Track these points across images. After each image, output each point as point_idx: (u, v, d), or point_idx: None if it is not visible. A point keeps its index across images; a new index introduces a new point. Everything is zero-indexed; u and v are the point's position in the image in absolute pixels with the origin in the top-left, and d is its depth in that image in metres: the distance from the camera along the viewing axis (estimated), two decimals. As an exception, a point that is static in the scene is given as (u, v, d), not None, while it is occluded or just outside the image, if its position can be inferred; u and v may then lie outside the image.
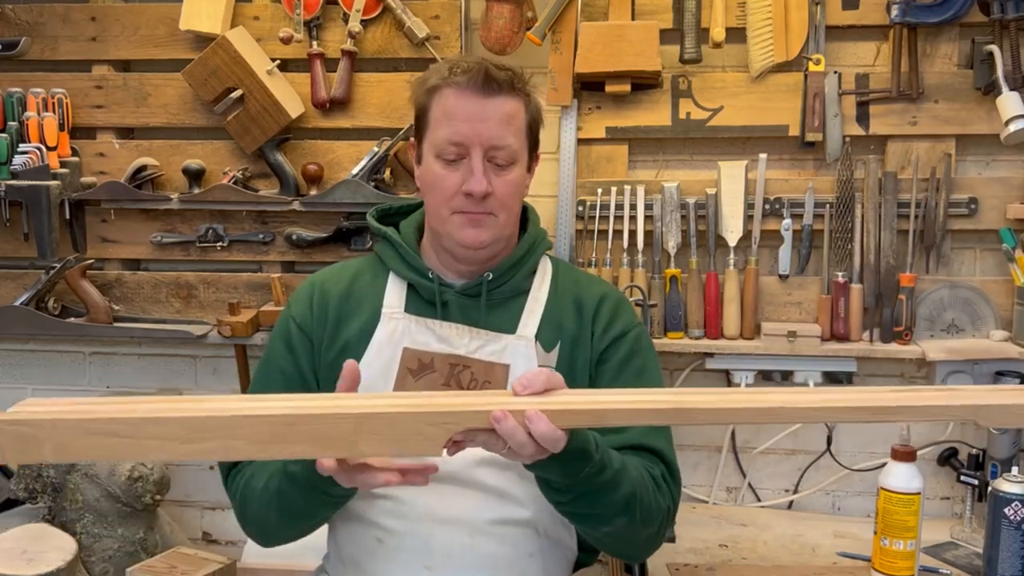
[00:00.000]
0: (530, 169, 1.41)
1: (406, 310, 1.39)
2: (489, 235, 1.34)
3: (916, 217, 2.02)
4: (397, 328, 1.37)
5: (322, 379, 1.38)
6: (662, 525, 1.30)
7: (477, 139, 1.31)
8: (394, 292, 1.41)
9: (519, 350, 1.36)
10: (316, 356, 1.39)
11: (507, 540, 1.31)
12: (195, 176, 2.16)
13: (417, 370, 1.35)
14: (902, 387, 0.99)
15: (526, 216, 1.47)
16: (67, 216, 2.15)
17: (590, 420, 0.99)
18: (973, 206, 2.01)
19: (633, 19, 2.03)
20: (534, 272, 1.44)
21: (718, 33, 1.99)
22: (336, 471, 1.03)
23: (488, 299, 1.38)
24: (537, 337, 1.37)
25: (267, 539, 1.37)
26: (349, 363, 1.07)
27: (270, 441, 0.94)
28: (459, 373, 1.34)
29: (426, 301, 1.40)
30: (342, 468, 1.03)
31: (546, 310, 1.40)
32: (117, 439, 0.92)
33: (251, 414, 0.94)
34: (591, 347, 1.40)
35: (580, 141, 2.09)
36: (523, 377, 1.02)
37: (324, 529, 1.43)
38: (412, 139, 1.43)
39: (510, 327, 1.38)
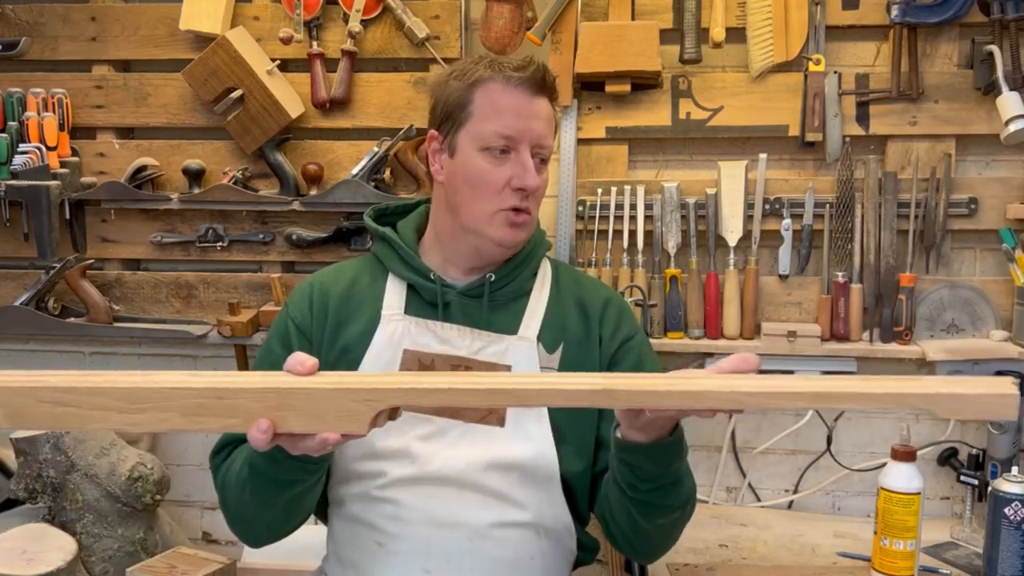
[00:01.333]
0: None
1: (406, 311, 1.38)
2: (526, 235, 1.38)
3: (916, 217, 2.02)
4: (397, 330, 1.36)
5: None
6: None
7: (527, 135, 1.32)
8: (393, 293, 1.40)
9: (521, 351, 1.36)
10: (315, 358, 1.37)
11: (507, 543, 1.30)
12: (195, 176, 2.16)
13: (418, 372, 1.34)
14: (851, 376, 0.97)
15: None
16: (67, 216, 2.16)
17: (513, 400, 0.99)
18: (973, 206, 2.01)
19: (633, 19, 2.03)
20: (535, 273, 1.44)
21: (718, 33, 1.99)
22: (271, 443, 1.00)
23: (490, 300, 1.38)
24: (539, 338, 1.37)
25: (248, 529, 1.33)
26: (296, 360, 1.02)
27: (200, 413, 0.97)
28: None
29: (427, 302, 1.39)
30: (278, 440, 1.00)
31: (547, 311, 1.40)
32: (64, 408, 0.97)
33: (183, 386, 0.97)
34: (600, 351, 1.40)
35: (580, 141, 2.09)
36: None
37: (323, 530, 1.44)
38: (434, 132, 1.40)
39: (511, 328, 1.38)
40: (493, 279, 1.38)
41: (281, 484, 1.20)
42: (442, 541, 1.28)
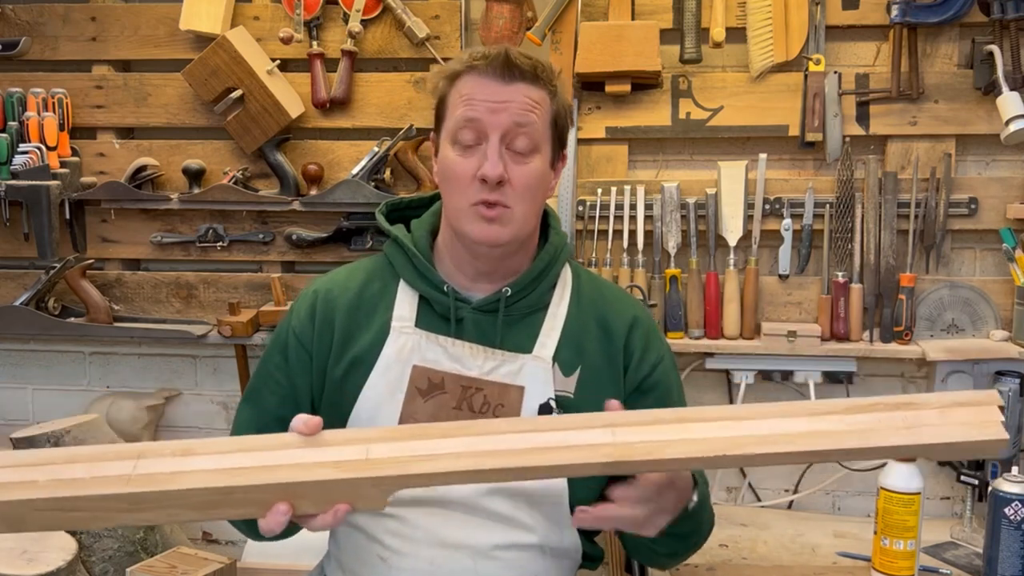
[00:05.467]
0: (555, 168, 1.34)
1: (417, 324, 1.31)
2: (507, 232, 1.26)
3: (916, 217, 2.02)
4: (407, 344, 1.30)
5: (326, 397, 1.32)
6: None
7: (495, 123, 1.23)
8: (405, 303, 1.33)
9: (536, 372, 1.29)
10: (317, 373, 1.33)
11: (511, 564, 1.27)
12: (195, 176, 2.16)
13: (427, 390, 1.28)
14: (858, 412, 0.96)
15: (547, 223, 1.39)
16: (67, 216, 2.15)
17: (515, 473, 0.97)
18: (973, 206, 2.01)
19: (633, 19, 2.03)
20: (554, 285, 1.36)
21: (718, 33, 1.99)
22: (280, 527, 0.98)
23: (505, 315, 1.31)
24: (555, 359, 1.30)
25: (247, 535, 1.36)
26: (300, 421, 1.00)
27: (210, 507, 0.96)
28: (471, 396, 1.28)
29: (439, 315, 1.32)
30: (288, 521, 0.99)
31: (566, 329, 1.33)
32: (72, 513, 0.94)
33: (185, 488, 0.93)
34: (624, 378, 1.34)
35: (580, 141, 2.09)
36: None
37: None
38: (432, 134, 1.36)
39: (527, 346, 1.30)
40: (509, 294, 1.31)
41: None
42: (446, 561, 1.25)
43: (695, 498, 1.14)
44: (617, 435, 0.94)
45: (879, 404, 0.95)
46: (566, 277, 1.38)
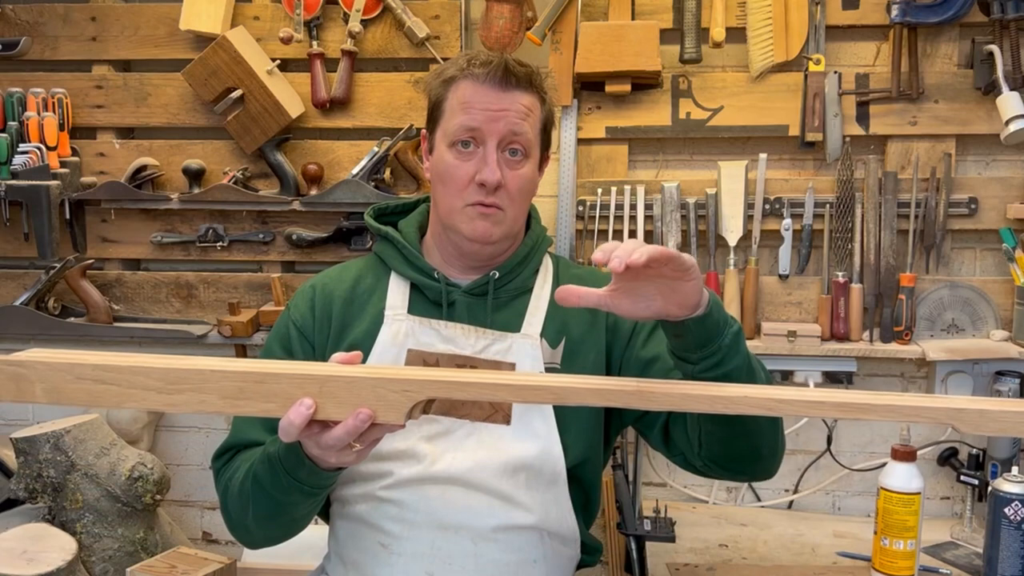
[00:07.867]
0: (540, 168, 1.41)
1: (410, 311, 1.38)
2: (499, 230, 1.34)
3: (916, 217, 2.02)
4: (401, 329, 1.36)
5: None
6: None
7: (493, 130, 1.31)
8: (397, 293, 1.39)
9: (525, 348, 1.35)
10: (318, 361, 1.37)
11: (511, 547, 1.30)
12: (195, 176, 2.16)
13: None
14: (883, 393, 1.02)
15: (528, 214, 1.47)
16: (67, 216, 2.16)
17: (550, 397, 1.01)
18: (973, 206, 2.01)
19: (633, 19, 2.03)
20: (537, 270, 1.44)
21: (718, 33, 1.99)
22: (304, 431, 1.01)
23: (494, 297, 1.38)
24: (542, 335, 1.37)
25: (246, 536, 1.34)
26: (352, 355, 1.07)
27: (238, 396, 0.99)
28: None
29: (431, 301, 1.38)
30: (309, 431, 1.02)
31: (550, 308, 1.40)
32: (103, 386, 0.98)
33: (222, 369, 0.98)
34: (606, 338, 1.39)
35: (580, 141, 2.09)
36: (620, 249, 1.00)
37: (324, 530, 1.44)
38: (424, 131, 1.42)
39: (515, 326, 1.38)
40: (497, 276, 1.38)
41: (280, 506, 1.21)
42: (446, 543, 1.28)
43: (705, 296, 1.09)
44: (643, 384, 1.00)
45: (906, 396, 1.00)
46: (547, 264, 1.47)
